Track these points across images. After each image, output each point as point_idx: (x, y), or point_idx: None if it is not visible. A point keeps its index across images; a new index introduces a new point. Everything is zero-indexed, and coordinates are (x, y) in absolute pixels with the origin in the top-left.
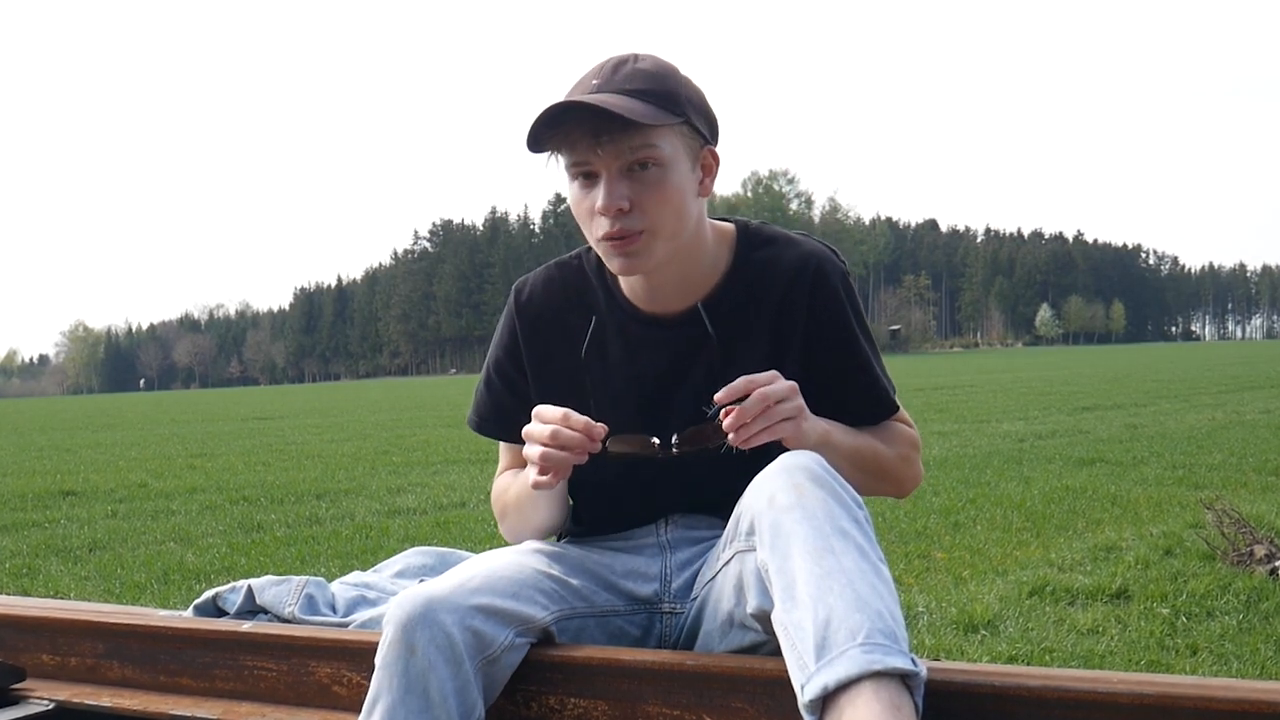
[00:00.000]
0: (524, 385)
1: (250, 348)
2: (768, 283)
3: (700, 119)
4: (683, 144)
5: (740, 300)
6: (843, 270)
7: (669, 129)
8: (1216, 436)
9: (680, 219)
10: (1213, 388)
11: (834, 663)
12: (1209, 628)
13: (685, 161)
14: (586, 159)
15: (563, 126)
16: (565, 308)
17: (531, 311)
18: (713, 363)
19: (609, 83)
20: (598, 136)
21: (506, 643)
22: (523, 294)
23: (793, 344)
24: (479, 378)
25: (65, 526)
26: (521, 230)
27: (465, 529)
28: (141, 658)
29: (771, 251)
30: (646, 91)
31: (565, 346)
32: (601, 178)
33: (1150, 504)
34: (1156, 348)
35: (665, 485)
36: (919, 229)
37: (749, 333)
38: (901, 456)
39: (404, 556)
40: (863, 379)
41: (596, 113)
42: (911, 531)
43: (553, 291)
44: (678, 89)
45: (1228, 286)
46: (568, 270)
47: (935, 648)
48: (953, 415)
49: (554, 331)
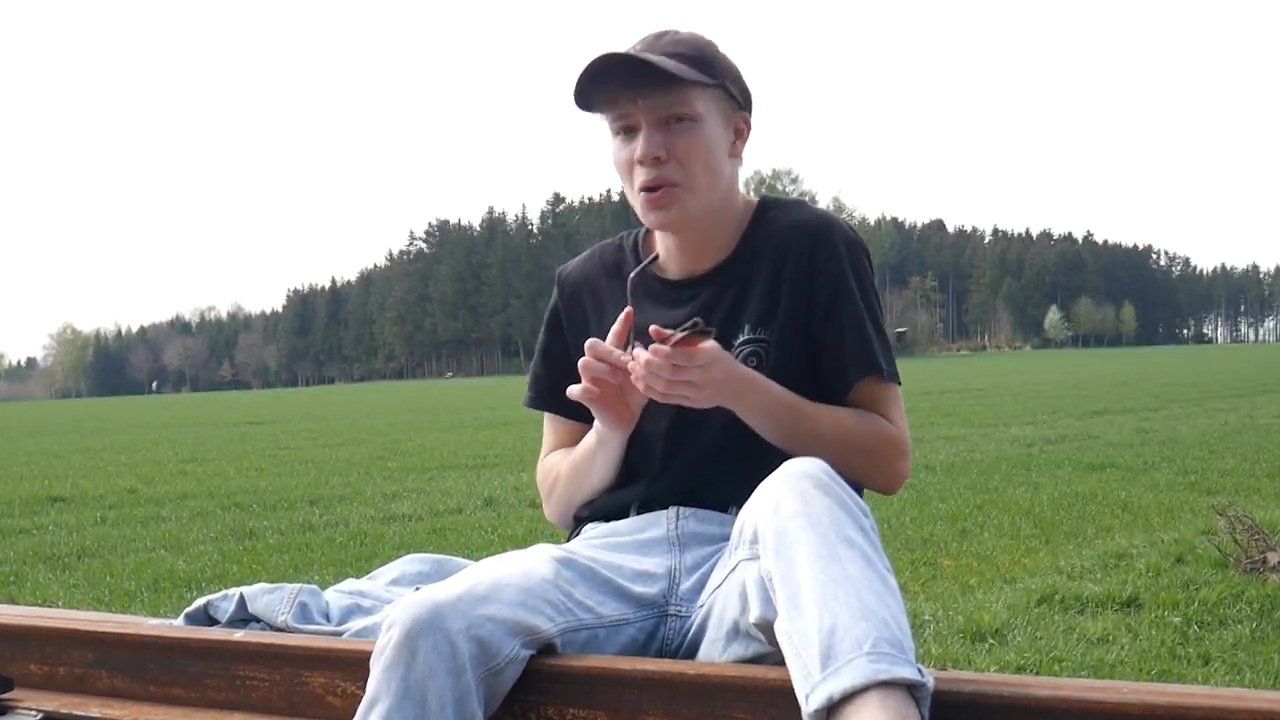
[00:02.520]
0: (564, 356)
1: (242, 350)
2: (774, 239)
3: (735, 86)
4: (716, 106)
5: (751, 255)
6: (851, 237)
7: (704, 90)
8: (1229, 441)
9: (712, 174)
10: (1225, 391)
11: (839, 672)
12: (1221, 636)
13: (719, 122)
14: (628, 111)
15: (606, 83)
16: (599, 278)
17: (570, 285)
18: (727, 313)
19: (651, 47)
20: (638, 89)
21: (511, 654)
22: (564, 273)
23: (791, 290)
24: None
25: (53, 533)
26: (519, 230)
27: (462, 536)
28: (131, 667)
29: (783, 212)
30: (685, 55)
31: (600, 312)
32: (641, 131)
33: (1161, 510)
34: (1168, 350)
35: (683, 466)
36: (925, 229)
37: (752, 287)
38: (863, 448)
39: (399, 564)
40: (855, 334)
41: (636, 69)
42: (918, 538)
43: (590, 266)
44: (715, 58)
45: (1240, 288)
46: (607, 249)
47: (942, 657)
48: (960, 419)
49: (590, 299)
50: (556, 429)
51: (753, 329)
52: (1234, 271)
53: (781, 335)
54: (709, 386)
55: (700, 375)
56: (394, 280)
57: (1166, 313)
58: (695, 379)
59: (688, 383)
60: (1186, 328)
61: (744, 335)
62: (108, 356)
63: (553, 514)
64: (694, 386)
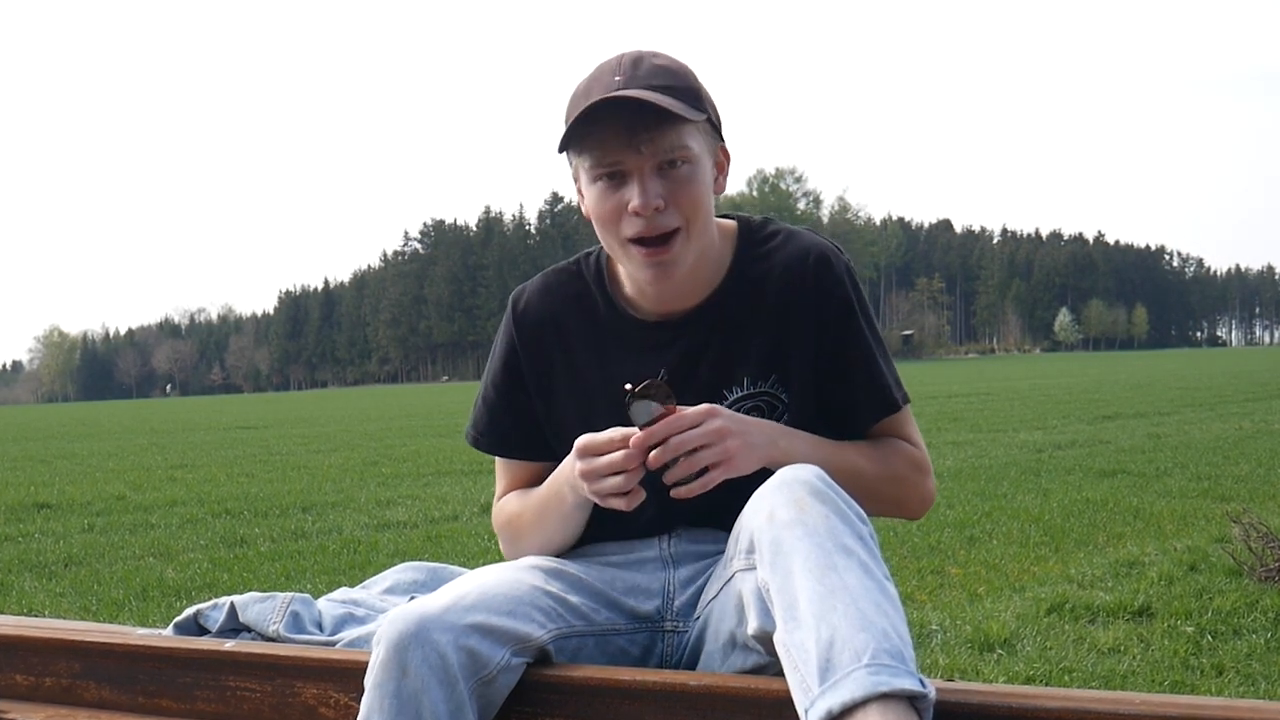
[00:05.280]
0: (523, 398)
1: (233, 354)
2: (771, 278)
3: (714, 116)
4: (705, 141)
5: (743, 296)
6: (847, 264)
7: (694, 126)
8: (1244, 446)
9: (707, 217)
10: (1239, 395)
11: (839, 685)
12: (1235, 646)
13: (708, 158)
14: (619, 158)
15: (593, 127)
16: (564, 315)
17: (530, 321)
18: (717, 361)
19: (633, 79)
20: (634, 134)
21: (502, 663)
22: (519, 304)
23: (798, 335)
24: (478, 391)
25: (40, 541)
26: (517, 231)
27: (458, 543)
28: (120, 678)
29: (773, 246)
30: (673, 88)
31: (566, 354)
32: (632, 177)
33: (1174, 517)
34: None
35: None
36: (932, 229)
37: (753, 330)
38: (894, 477)
39: (394, 572)
40: (866, 372)
41: (631, 109)
42: (925, 546)
43: (551, 299)
44: (698, 86)
45: (1255, 290)
46: (565, 276)
47: (949, 667)
48: (968, 424)
49: (554, 340)
50: (512, 470)
51: (753, 382)
52: (1249, 272)
53: (796, 385)
54: (732, 437)
55: (722, 445)
56: (388, 281)
57: (1179, 315)
58: (722, 447)
59: (718, 455)
60: (1200, 330)
61: (744, 389)
62: (95, 359)
63: (516, 558)
64: (723, 456)
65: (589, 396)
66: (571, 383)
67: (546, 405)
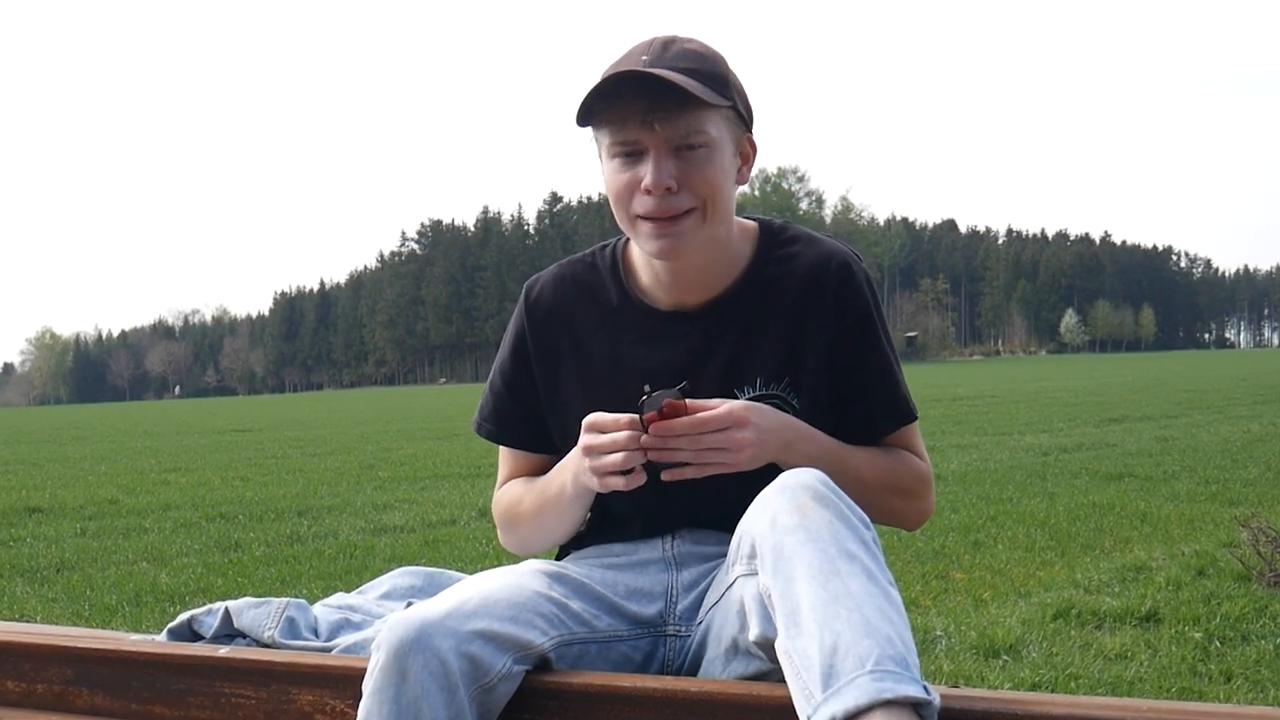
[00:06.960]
0: (530, 388)
1: (227, 356)
2: (790, 279)
3: (742, 105)
4: (728, 128)
5: (760, 295)
6: (866, 271)
7: (717, 112)
8: (1252, 450)
9: (722, 203)
10: (1248, 398)
11: (842, 692)
12: (1244, 652)
13: (729, 146)
14: (636, 137)
15: (615, 101)
16: (576, 304)
17: (541, 310)
18: (731, 357)
19: (660, 59)
20: (651, 113)
21: (504, 670)
22: (532, 292)
23: (815, 341)
24: (488, 379)
25: (31, 545)
26: (515, 231)
27: (456, 548)
28: (112, 684)
29: (795, 249)
30: (699, 71)
31: (576, 344)
32: (648, 155)
33: (1182, 521)
34: (1188, 355)
35: (679, 488)
36: (937, 230)
37: (769, 329)
38: (898, 488)
39: (391, 577)
40: (882, 382)
41: (652, 88)
42: (929, 551)
43: (564, 289)
44: (726, 72)
45: (1264, 291)
46: (579, 267)
47: (954, 673)
48: (972, 427)
49: (565, 329)
50: (515, 459)
51: (765, 383)
52: (1257, 273)
53: (810, 389)
54: (750, 447)
55: (740, 435)
56: (385, 282)
57: (1187, 316)
58: (740, 436)
59: (726, 441)
60: (1208, 332)
61: (756, 389)
62: (88, 362)
63: (514, 548)
64: (735, 445)
65: (597, 387)
66: (580, 373)
67: (553, 395)
